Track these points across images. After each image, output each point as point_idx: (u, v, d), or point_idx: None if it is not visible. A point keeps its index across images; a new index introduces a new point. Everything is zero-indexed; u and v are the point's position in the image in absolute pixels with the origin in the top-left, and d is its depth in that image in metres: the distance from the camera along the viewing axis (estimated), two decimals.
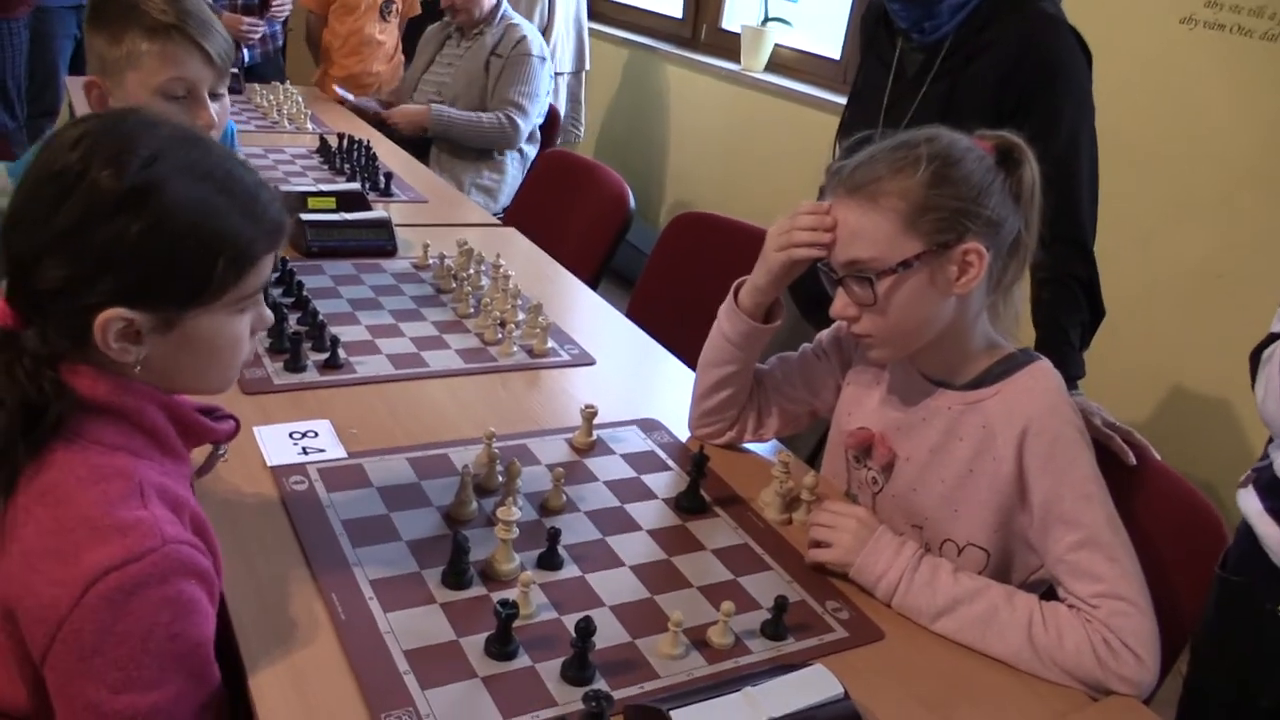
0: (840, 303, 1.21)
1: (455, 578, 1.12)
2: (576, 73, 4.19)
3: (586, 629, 0.99)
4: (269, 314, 1.00)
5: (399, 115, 3.20)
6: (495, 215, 2.93)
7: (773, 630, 1.11)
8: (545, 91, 3.29)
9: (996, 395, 1.23)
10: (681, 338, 1.95)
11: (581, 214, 2.67)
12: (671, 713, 0.91)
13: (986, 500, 1.22)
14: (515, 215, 2.92)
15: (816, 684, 0.98)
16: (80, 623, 0.82)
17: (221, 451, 1.07)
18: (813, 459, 1.79)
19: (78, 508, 0.85)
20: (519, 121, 3.18)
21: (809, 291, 1.88)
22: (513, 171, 3.27)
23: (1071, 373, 1.62)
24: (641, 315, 2.11)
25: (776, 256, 1.30)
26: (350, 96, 3.49)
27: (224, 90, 1.53)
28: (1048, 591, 1.21)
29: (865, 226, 1.17)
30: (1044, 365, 1.24)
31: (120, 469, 0.88)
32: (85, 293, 0.86)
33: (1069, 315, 1.65)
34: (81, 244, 0.85)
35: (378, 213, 2.17)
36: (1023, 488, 1.20)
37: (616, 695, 0.98)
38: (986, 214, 1.16)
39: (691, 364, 1.76)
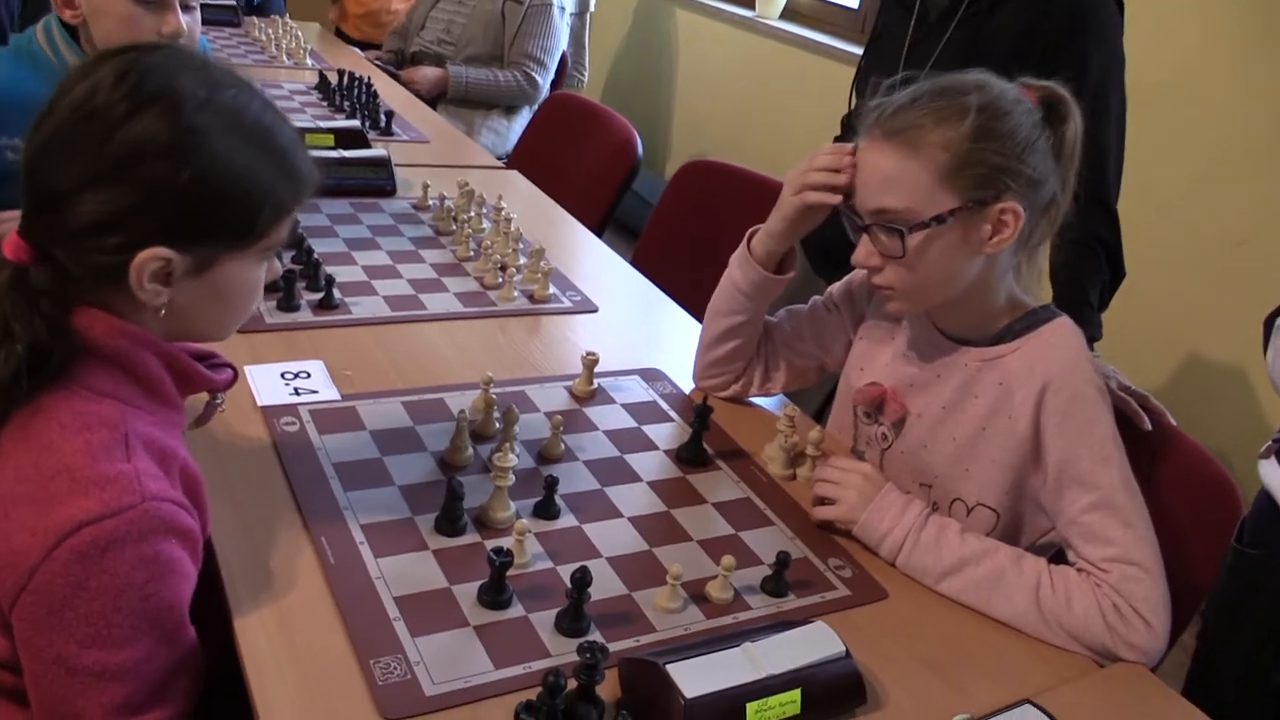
0: (864, 251, 1.18)
1: (449, 524, 1.11)
2: (580, 14, 4.12)
3: (582, 580, 0.98)
4: (278, 264, 1.00)
5: (419, 78, 3.16)
6: (500, 158, 2.90)
7: (774, 587, 1.11)
8: (563, 43, 3.25)
9: (1016, 352, 1.20)
10: (687, 288, 1.93)
11: (587, 159, 2.63)
12: (667, 666, 0.90)
13: (999, 459, 1.21)
14: (519, 159, 2.88)
15: (817, 641, 0.97)
16: (51, 575, 0.81)
17: (219, 401, 1.05)
18: (819, 414, 1.77)
19: (59, 456, 0.83)
20: (538, 78, 3.15)
21: (820, 244, 1.85)
22: (525, 116, 3.24)
23: (1089, 334, 1.60)
24: (646, 264, 2.08)
25: (791, 201, 1.27)
26: None
27: (196, 4, 1.54)
28: (1056, 556, 1.19)
29: (901, 175, 1.12)
30: (1066, 322, 1.21)
31: (106, 418, 0.86)
32: (127, 230, 0.84)
33: (1089, 275, 1.63)
34: (128, 181, 0.83)
35: (377, 151, 2.14)
36: (1037, 447, 1.18)
37: (611, 648, 0.98)
38: (1028, 173, 1.12)
39: (697, 315, 1.75)
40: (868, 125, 1.16)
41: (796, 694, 0.92)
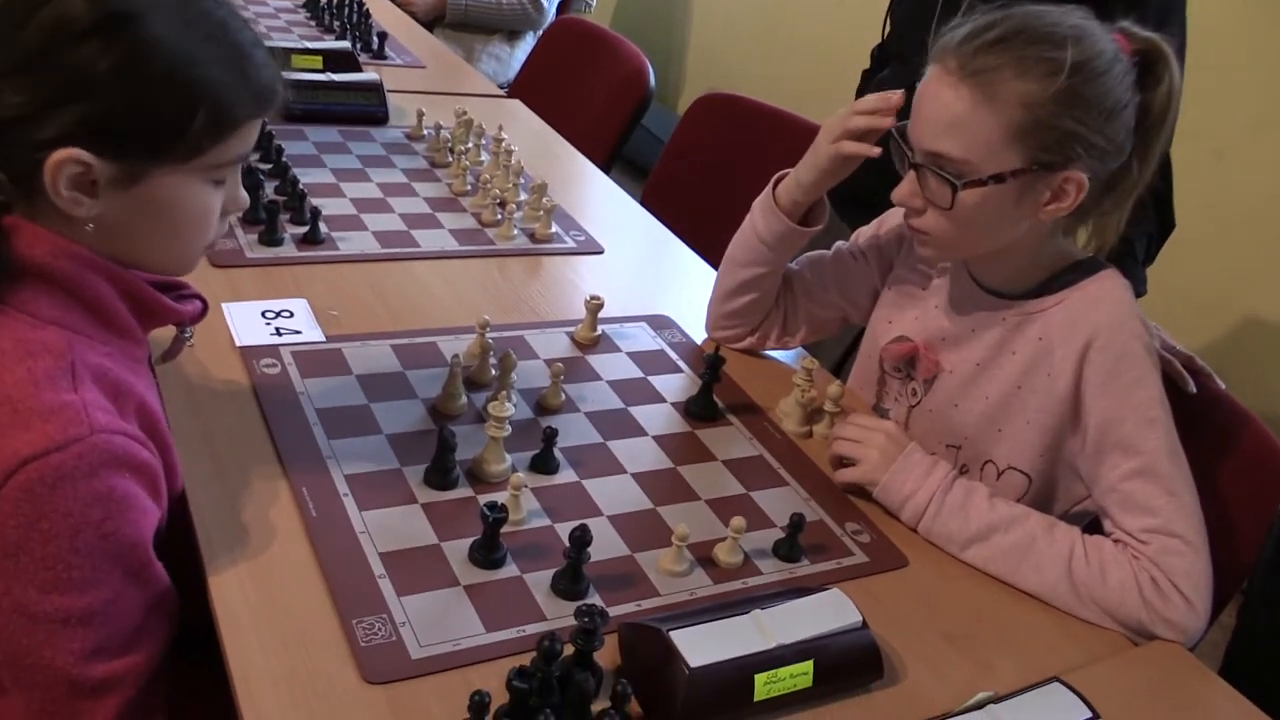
0: (908, 189, 1.15)
1: (439, 476, 1.10)
2: None
3: (582, 538, 0.97)
4: (244, 196, 0.97)
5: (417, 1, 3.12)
6: (501, 87, 2.86)
7: (786, 550, 1.10)
8: None
9: (1059, 305, 1.18)
10: (700, 230, 1.92)
11: (594, 90, 2.59)
12: (671, 633, 0.89)
13: (1035, 420, 1.19)
14: (521, 88, 2.84)
15: (832, 610, 0.96)
16: (1, 517, 0.80)
17: (187, 335, 1.03)
18: (839, 368, 1.76)
19: None
20: (543, 1, 3.10)
21: (848, 187, 1.83)
22: (529, 42, 3.19)
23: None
24: (656, 204, 2.06)
25: (827, 149, 1.25)
26: None
27: None
28: (1090, 527, 1.18)
29: (969, 122, 1.07)
30: (1114, 274, 1.19)
31: (50, 345, 0.84)
32: (41, 126, 0.80)
33: (1135, 225, 1.60)
34: (44, 70, 0.80)
35: (368, 75, 2.10)
36: (1077, 407, 1.16)
37: (611, 612, 0.97)
38: (1103, 144, 1.07)
39: (710, 259, 1.73)
40: (942, 52, 1.10)
41: (809, 665, 0.91)
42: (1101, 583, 1.08)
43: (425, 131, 2.03)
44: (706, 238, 1.89)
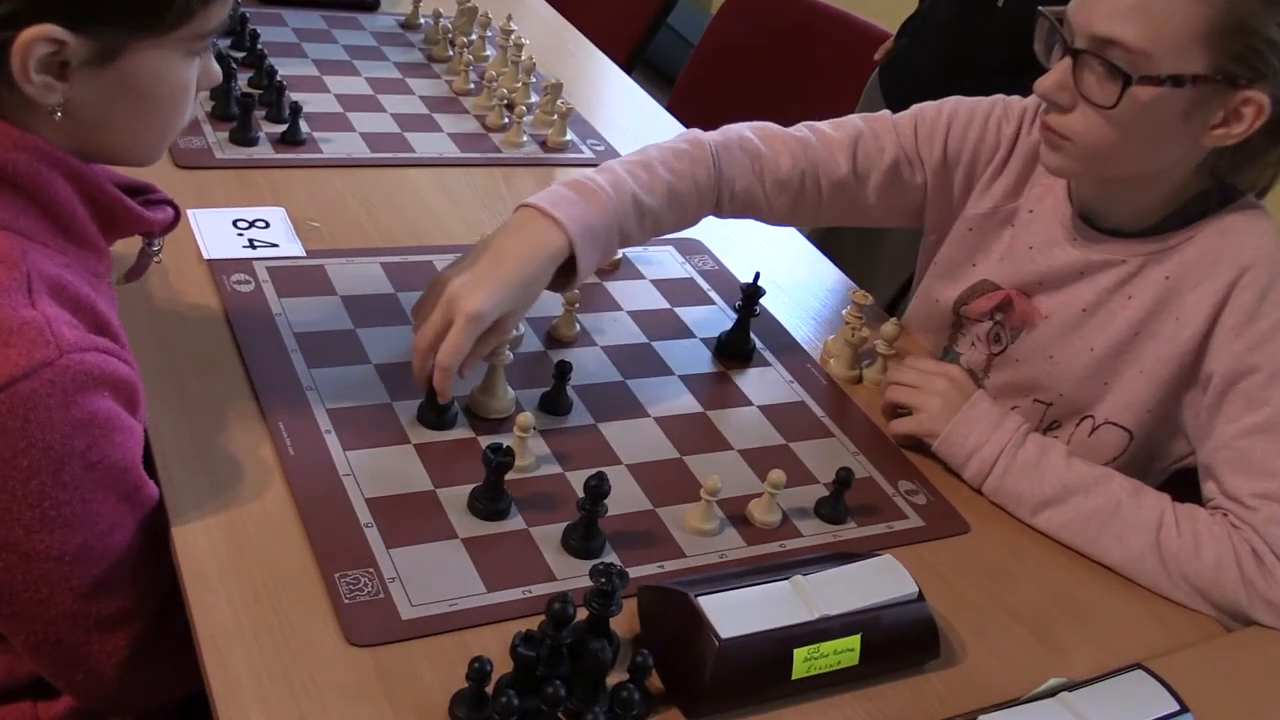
0: (1057, 79, 1.09)
1: (435, 414, 1.09)
2: None
3: (599, 489, 0.96)
4: (217, 68, 0.95)
5: None
6: None
7: (830, 510, 1.09)
8: None
9: (1191, 240, 1.15)
10: None
11: None
12: (699, 598, 0.88)
13: (1151, 371, 1.16)
14: None
15: (884, 579, 0.95)
16: None
17: (155, 248, 1.02)
18: (892, 306, 1.74)
19: None
20: None
21: (909, 85, 1.80)
22: None
23: None
24: (685, 112, 2.03)
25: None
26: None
27: None
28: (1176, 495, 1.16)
29: (1160, 7, 1.01)
30: (1253, 203, 1.15)
31: (2, 253, 0.82)
32: (9, 1, 0.78)
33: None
34: None
35: None
36: (1201, 355, 1.14)
37: (630, 573, 0.96)
38: None
39: None
40: None
41: (855, 641, 0.91)
42: (1194, 556, 1.06)
43: (422, 20, 2.00)
44: None
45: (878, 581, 0.95)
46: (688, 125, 1.85)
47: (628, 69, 2.30)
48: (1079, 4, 1.07)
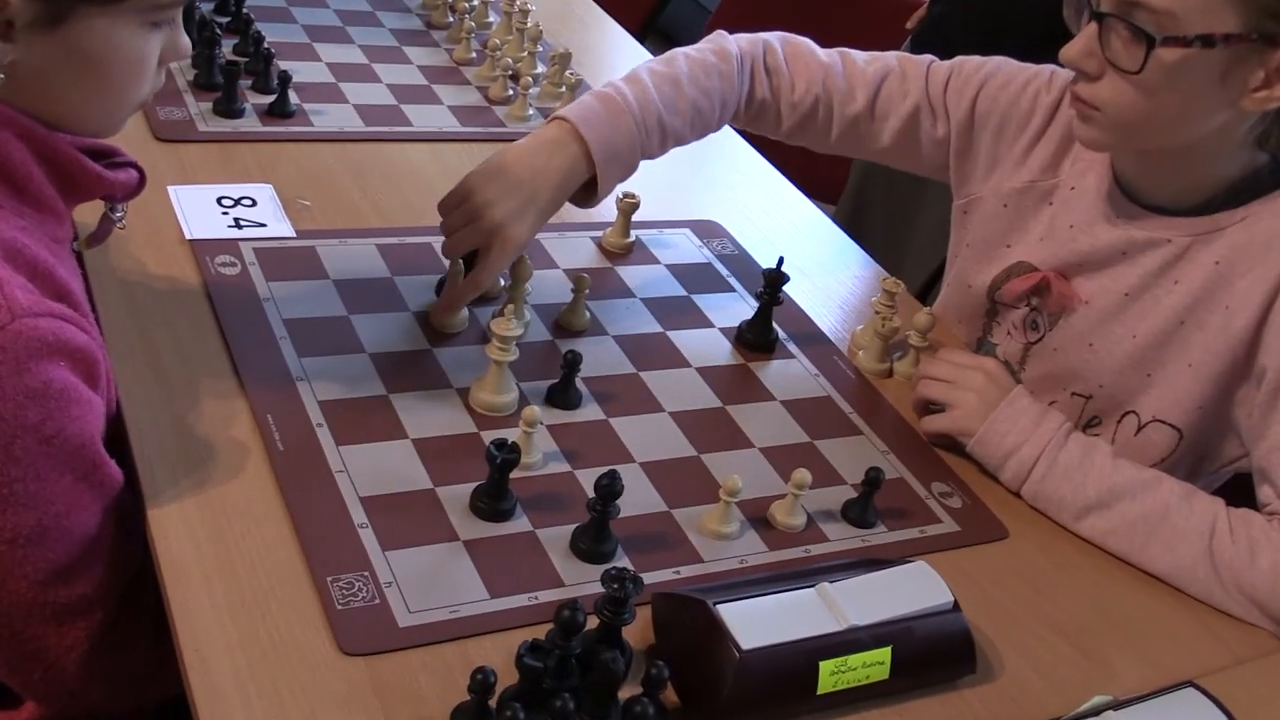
0: (1082, 46, 1.09)
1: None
2: None
3: (610, 488, 0.97)
4: (185, 42, 0.96)
5: None
6: None
7: (858, 513, 1.09)
8: None
9: (1243, 222, 1.15)
10: None
11: None
12: (718, 607, 0.89)
13: (1200, 363, 1.16)
14: None
15: (917, 587, 0.96)
16: None
17: (118, 214, 1.03)
18: (924, 294, 1.74)
19: None
20: None
21: (942, 56, 1.79)
22: None
23: None
24: None
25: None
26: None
27: None
28: (1230, 498, 1.17)
29: None
30: None
31: None
32: None
33: None
34: None
35: None
36: (1255, 347, 1.14)
37: (644, 579, 0.96)
38: None
39: (770, 154, 1.72)
40: None
41: (886, 653, 0.91)
42: (1250, 565, 1.06)
43: None
44: None
45: (910, 590, 0.95)
46: None
47: (640, 37, 2.30)
48: None
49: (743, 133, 1.77)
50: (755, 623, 0.88)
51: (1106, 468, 1.12)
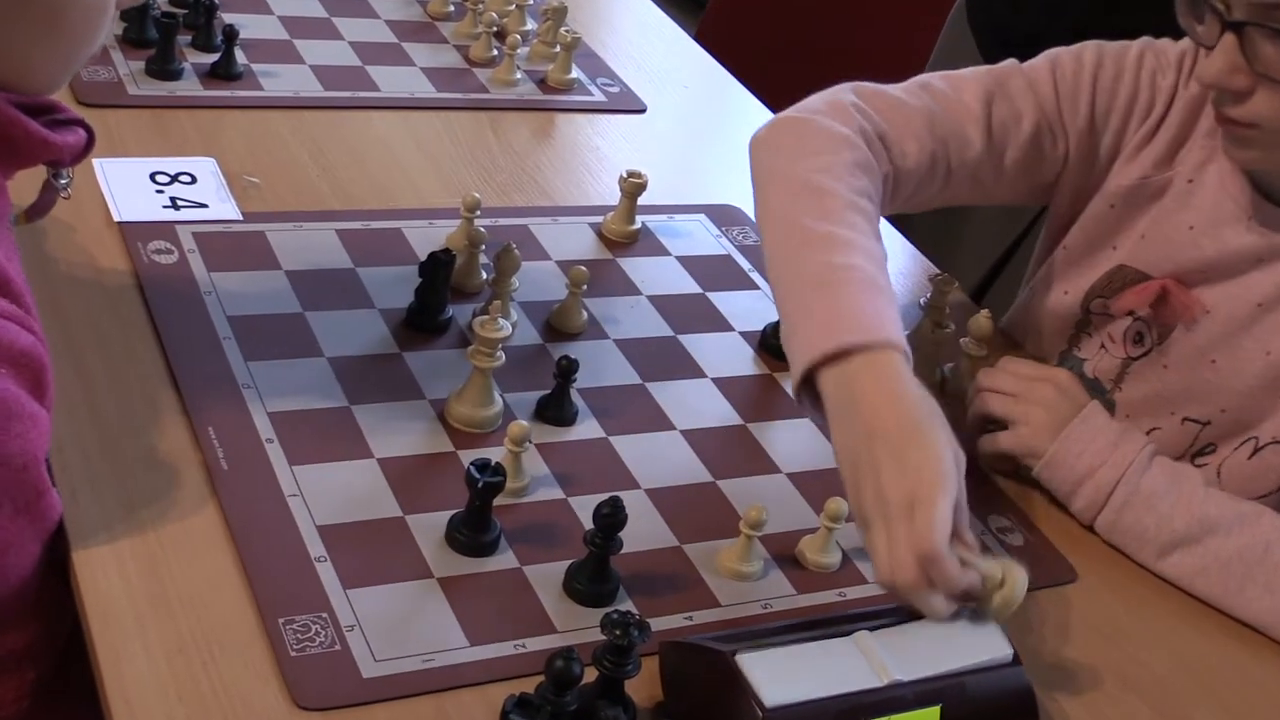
0: (1223, 64, 1.10)
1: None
2: None
3: (612, 518, 0.98)
4: None
5: None
6: None
7: None
8: None
9: None
10: (778, 81, 1.90)
11: None
12: (738, 657, 0.89)
13: None
14: None
15: (970, 637, 0.97)
16: None
17: (63, 180, 1.04)
18: (979, 293, 1.75)
19: None
20: None
21: (1002, 21, 1.81)
22: None
23: None
24: (717, 43, 2.08)
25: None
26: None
27: None
28: None
29: None
30: None
31: None
32: None
33: None
34: None
35: None
36: None
37: (652, 625, 0.97)
38: None
39: None
40: None
41: (934, 714, 0.92)
42: None
43: None
44: (787, 89, 1.89)
45: (963, 640, 0.96)
46: (722, 59, 1.89)
47: None
48: None
49: (768, 101, 1.80)
50: (781, 676, 0.89)
51: (1197, 496, 1.14)
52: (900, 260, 1.55)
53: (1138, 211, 1.31)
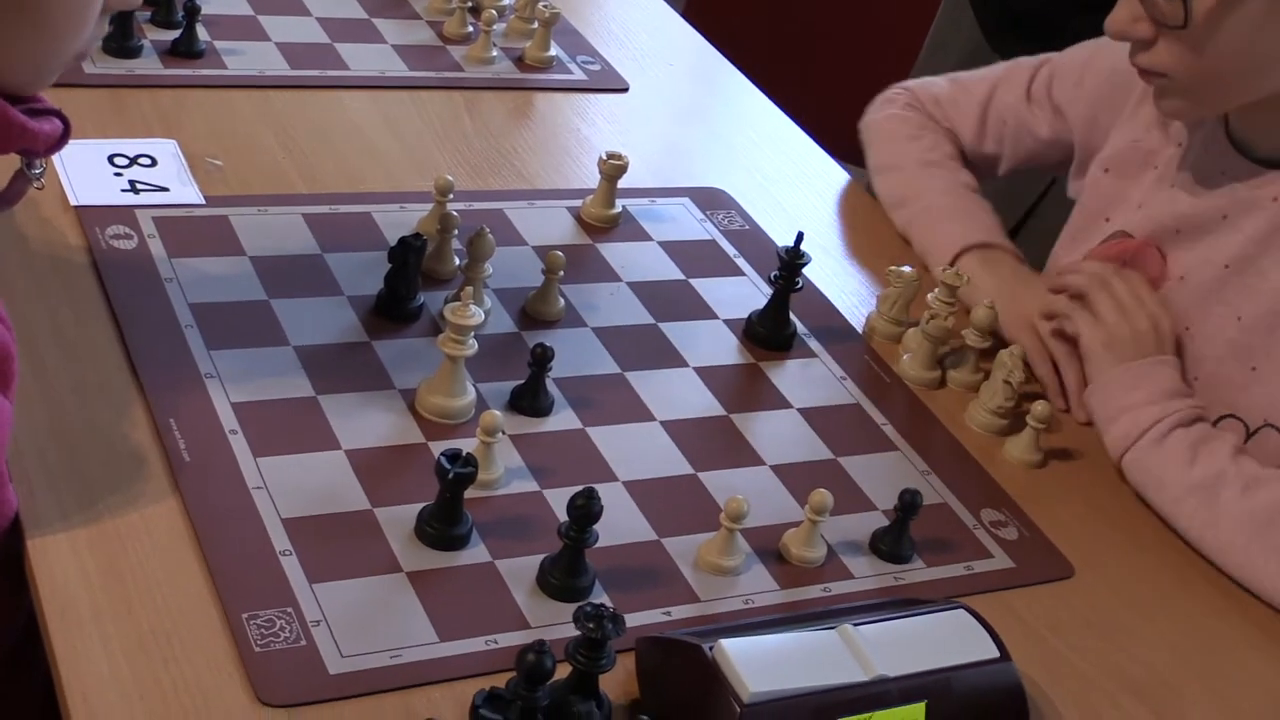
0: (1127, 12, 1.20)
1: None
2: None
3: (587, 509, 0.99)
4: None
5: None
6: None
7: (891, 546, 1.13)
8: None
9: None
10: (769, 58, 1.96)
11: None
12: (718, 646, 0.91)
13: None
14: None
15: (957, 636, 0.99)
16: None
17: (36, 170, 1.05)
18: (1016, 229, 1.78)
19: None
20: None
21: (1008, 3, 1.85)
22: None
23: None
24: (705, 18, 2.11)
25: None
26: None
27: None
28: None
29: None
30: None
31: None
32: None
33: None
34: None
35: None
36: None
37: (627, 621, 0.98)
38: None
39: (785, 103, 1.77)
40: None
41: (920, 710, 0.94)
42: None
43: None
44: (778, 71, 1.90)
45: (950, 637, 0.99)
46: (709, 36, 1.91)
47: None
48: None
49: (756, 79, 1.82)
50: (761, 668, 0.91)
51: (1223, 453, 1.19)
52: (896, 244, 1.54)
53: (1131, 179, 1.37)
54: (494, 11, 1.74)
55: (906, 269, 1.37)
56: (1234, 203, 1.27)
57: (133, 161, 1.38)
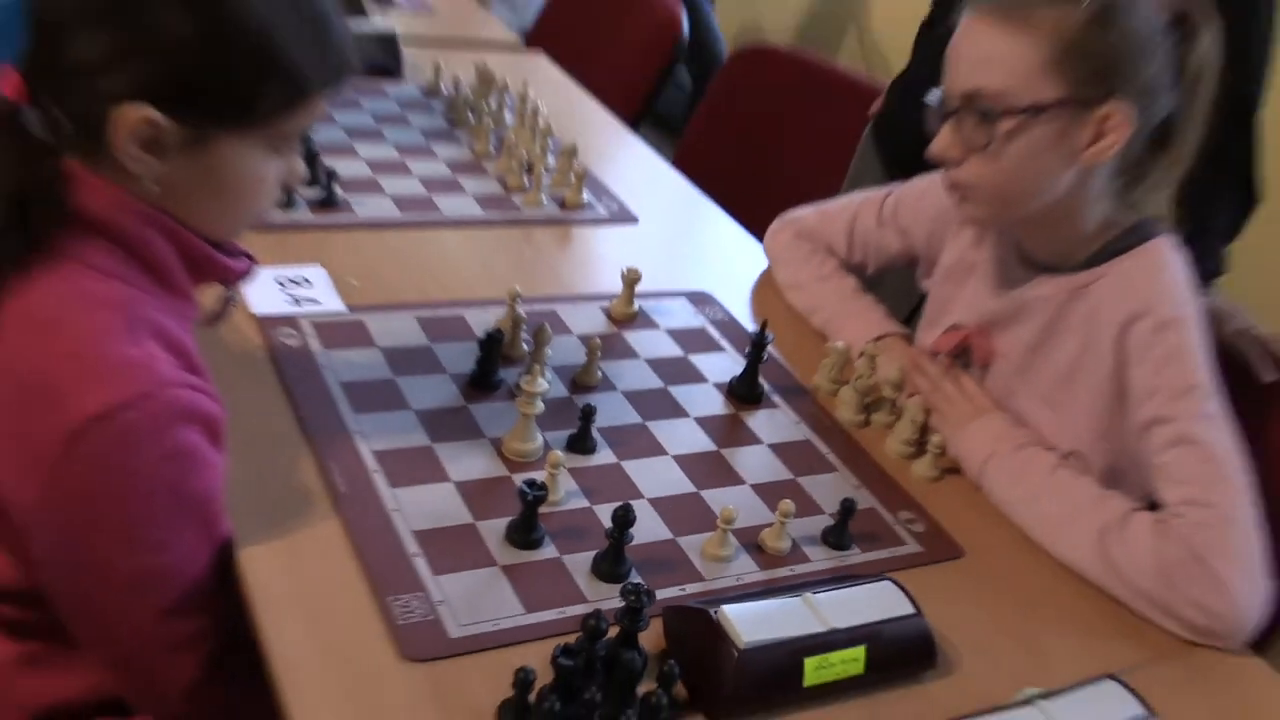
0: (944, 141, 1.21)
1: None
2: None
3: (625, 518, 1.05)
4: (301, 167, 1.05)
5: None
6: (518, 32, 2.91)
7: (836, 538, 1.17)
8: None
9: (1105, 278, 1.25)
10: (740, 196, 1.98)
11: (621, 40, 2.65)
12: (720, 609, 0.97)
13: (1088, 405, 1.26)
14: (541, 36, 2.89)
15: (885, 599, 1.04)
16: (73, 479, 0.88)
17: (232, 296, 1.11)
18: (911, 318, 1.81)
19: (63, 341, 0.90)
20: None
21: (901, 149, 1.89)
22: None
23: (1209, 268, 1.62)
24: (691, 167, 2.12)
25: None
26: None
27: None
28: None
29: (1003, 52, 1.15)
30: (1164, 242, 1.25)
31: (113, 299, 0.92)
32: (113, 77, 0.88)
33: (1216, 196, 1.64)
34: (126, 24, 0.87)
35: (382, 23, 2.18)
36: (1123, 387, 1.23)
37: (656, 595, 1.03)
38: (1143, 78, 1.15)
39: (751, 227, 1.79)
40: (972, 1, 1.20)
41: (860, 652, 0.99)
42: (1130, 558, 1.13)
43: (443, 87, 2.09)
44: (747, 205, 1.93)
45: (879, 601, 1.04)
46: (694, 180, 1.96)
47: (635, 124, 2.36)
48: (948, 74, 1.21)
49: (730, 212, 1.87)
50: (750, 625, 0.96)
51: (1042, 469, 1.23)
52: None
53: (962, 283, 1.41)
54: (542, 169, 1.79)
55: (840, 344, 1.42)
56: (1026, 301, 1.31)
57: (294, 282, 1.43)
